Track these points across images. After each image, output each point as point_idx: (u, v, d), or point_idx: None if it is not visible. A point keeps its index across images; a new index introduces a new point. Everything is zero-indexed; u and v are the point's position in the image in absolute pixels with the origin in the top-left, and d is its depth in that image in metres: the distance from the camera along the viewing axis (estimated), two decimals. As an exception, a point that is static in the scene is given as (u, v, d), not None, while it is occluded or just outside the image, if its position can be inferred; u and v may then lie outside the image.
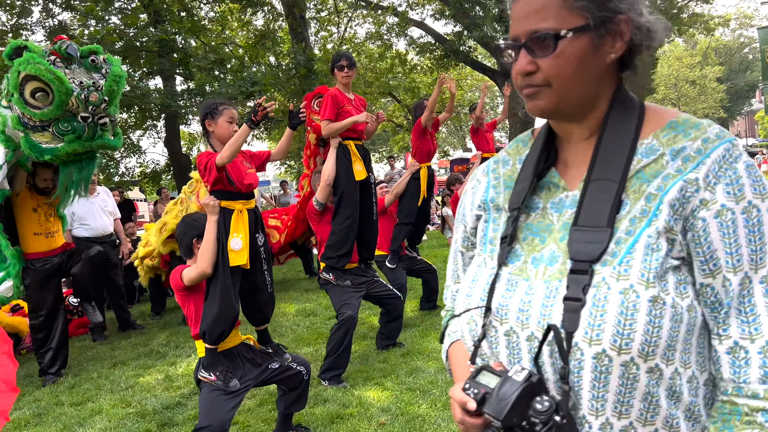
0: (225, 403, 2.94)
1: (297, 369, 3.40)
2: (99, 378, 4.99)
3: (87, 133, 4.42)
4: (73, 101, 4.26)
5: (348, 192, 4.64)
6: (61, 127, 4.34)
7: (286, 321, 6.47)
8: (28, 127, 4.35)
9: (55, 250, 5.16)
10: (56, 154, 4.38)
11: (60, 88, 4.18)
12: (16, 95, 4.29)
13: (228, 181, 3.16)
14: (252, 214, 3.29)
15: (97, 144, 4.55)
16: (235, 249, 3.10)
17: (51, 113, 4.25)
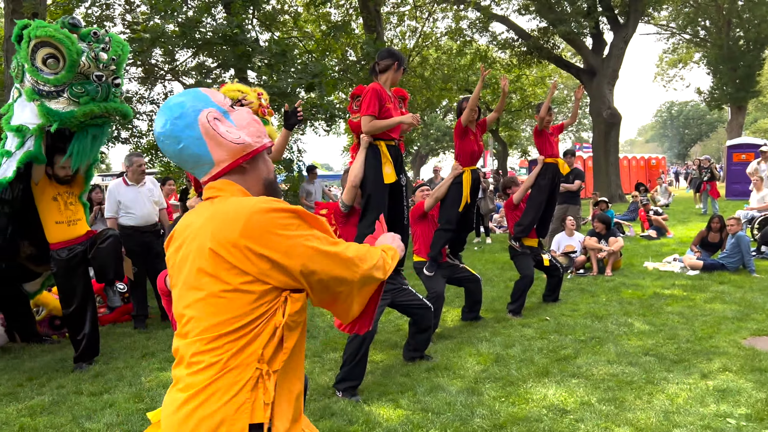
0: None
1: None
2: (124, 368, 5.00)
3: (100, 94, 4.55)
4: (84, 61, 4.43)
5: (375, 195, 4.37)
6: (75, 90, 4.50)
7: (321, 322, 6.31)
8: (43, 94, 4.50)
9: (79, 237, 5.17)
10: (74, 115, 4.51)
11: (70, 48, 4.35)
12: (29, 65, 4.45)
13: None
14: None
15: (112, 107, 4.66)
16: None
17: (64, 77, 4.43)
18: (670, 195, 18.11)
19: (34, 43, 4.40)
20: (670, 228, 12.08)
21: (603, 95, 20.89)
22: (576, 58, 25.46)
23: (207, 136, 1.55)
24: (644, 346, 4.96)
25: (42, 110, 4.49)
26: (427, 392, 4.15)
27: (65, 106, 4.51)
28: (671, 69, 36.62)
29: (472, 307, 6.06)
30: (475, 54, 21.85)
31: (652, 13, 27.31)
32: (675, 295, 6.72)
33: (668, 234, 11.67)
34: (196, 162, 1.59)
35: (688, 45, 33.95)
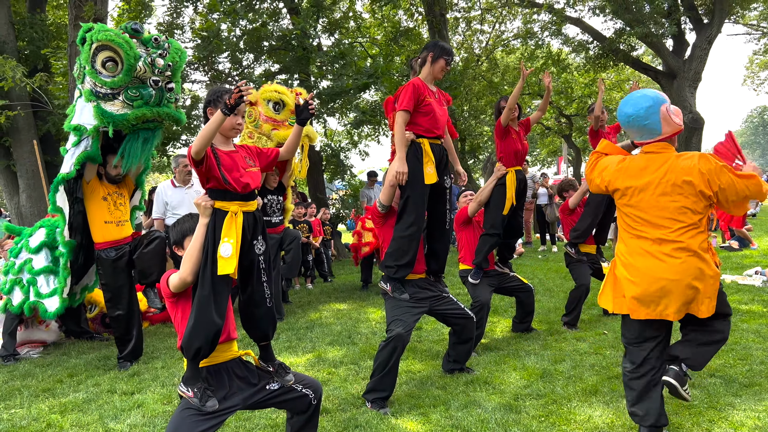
0: (195, 425, 2.62)
1: (302, 392, 2.99)
2: (162, 368, 4.99)
3: (154, 99, 4.65)
4: (141, 66, 4.54)
5: (415, 196, 4.14)
6: (131, 93, 4.62)
7: (365, 327, 6.12)
8: (100, 96, 4.64)
9: (126, 238, 5.24)
10: (127, 118, 4.64)
11: (129, 52, 4.48)
12: (89, 67, 4.58)
13: (222, 179, 2.82)
14: (251, 217, 2.92)
15: (164, 111, 4.75)
16: (225, 256, 2.75)
17: (120, 81, 4.56)
18: (758, 204, 16.79)
19: (95, 46, 4.54)
20: (754, 239, 11.15)
21: (684, 99, 19.70)
22: (655, 60, 24.25)
23: (663, 119, 3.07)
24: (710, 366, 4.47)
25: (97, 111, 4.60)
26: (461, 407, 3.87)
27: (119, 108, 4.62)
28: (762, 71, 34.25)
29: (523, 318, 5.70)
30: (547, 57, 21.17)
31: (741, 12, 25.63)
32: (753, 312, 6.09)
33: (752, 245, 10.76)
34: (649, 132, 3.12)
35: (781, 45, 31.66)
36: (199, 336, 2.66)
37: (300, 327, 6.30)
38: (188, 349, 2.69)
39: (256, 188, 2.99)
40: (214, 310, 2.71)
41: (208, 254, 2.76)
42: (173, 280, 2.75)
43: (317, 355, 5.24)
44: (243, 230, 2.85)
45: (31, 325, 5.96)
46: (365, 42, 15.09)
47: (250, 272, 2.96)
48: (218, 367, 2.83)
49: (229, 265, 2.74)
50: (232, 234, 2.78)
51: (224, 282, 2.78)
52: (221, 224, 2.79)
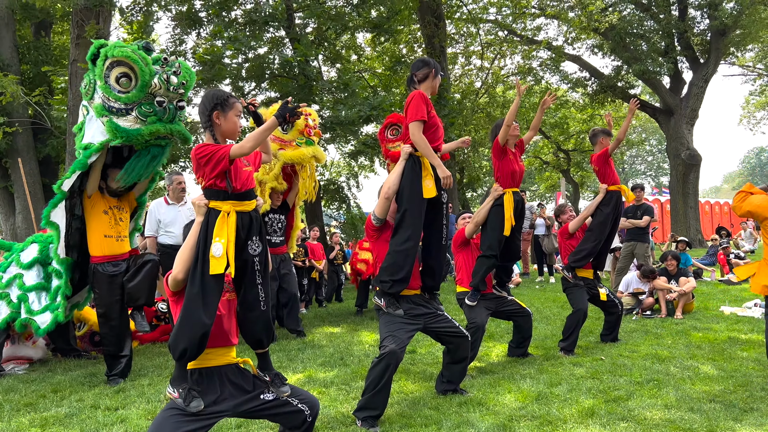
0: (177, 425, 2.54)
1: (298, 407, 2.91)
2: (148, 386, 4.87)
3: (167, 116, 4.64)
4: (156, 82, 4.54)
5: (412, 209, 4.08)
6: (144, 109, 4.60)
7: (358, 350, 6.00)
8: (113, 111, 4.61)
9: (124, 254, 5.18)
10: (141, 133, 4.61)
11: (144, 69, 4.48)
12: (102, 83, 4.58)
13: (232, 177, 2.81)
14: (246, 217, 2.89)
15: (176, 129, 4.75)
16: (216, 255, 2.71)
17: (134, 96, 4.54)
18: (756, 240, 16.76)
19: (110, 62, 4.54)
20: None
21: (681, 135, 19.88)
22: (653, 98, 24.52)
23: None
24: (710, 391, 4.37)
25: (110, 126, 4.59)
26: (453, 427, 3.76)
27: (132, 124, 4.61)
28: (759, 111, 34.63)
29: (520, 343, 5.60)
30: (544, 93, 21.41)
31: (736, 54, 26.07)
32: (753, 341, 6.00)
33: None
34: None
35: (777, 86, 32.09)
36: (185, 334, 2.60)
37: (291, 348, 6.19)
38: (175, 347, 2.62)
39: (252, 188, 2.97)
40: (202, 310, 2.65)
41: (199, 253, 2.72)
42: (169, 279, 2.73)
43: (308, 375, 5.13)
44: (237, 230, 2.81)
45: (18, 341, 5.85)
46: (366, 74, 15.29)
47: (243, 273, 2.91)
48: (211, 370, 2.76)
49: (220, 265, 2.70)
50: (224, 234, 2.74)
51: (216, 282, 2.73)
52: (213, 224, 2.76)
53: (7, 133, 9.55)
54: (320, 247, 9.84)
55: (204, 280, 2.69)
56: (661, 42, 19.79)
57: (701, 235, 19.56)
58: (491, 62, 21.01)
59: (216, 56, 10.33)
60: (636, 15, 20.08)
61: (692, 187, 19.97)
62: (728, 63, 28.72)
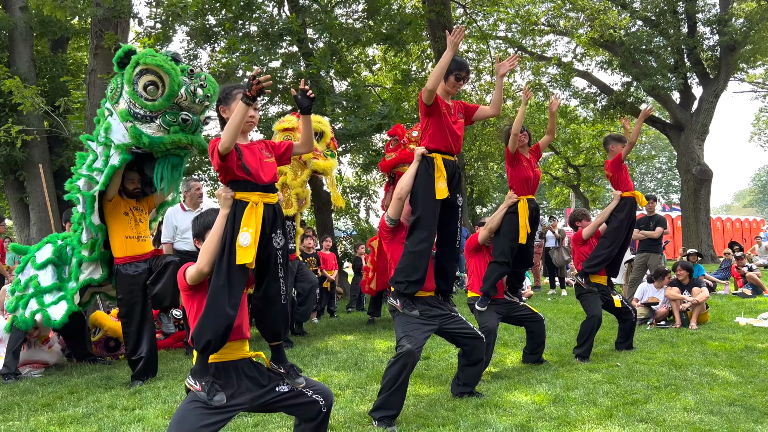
0: (199, 418, 2.54)
1: (313, 397, 2.90)
2: (164, 388, 4.88)
3: (190, 126, 4.71)
4: (183, 93, 4.62)
5: (426, 211, 4.10)
6: (168, 118, 4.67)
7: (371, 356, 5.99)
8: (137, 118, 4.70)
9: (145, 254, 5.25)
10: (163, 142, 4.70)
11: (175, 78, 4.56)
12: (130, 88, 4.66)
13: (243, 170, 2.83)
14: (271, 210, 2.91)
15: (197, 140, 4.82)
16: (243, 245, 2.73)
17: (161, 105, 4.62)
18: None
19: (140, 69, 4.62)
20: (767, 286, 10.98)
21: (692, 150, 19.84)
22: (662, 113, 24.52)
23: None
24: (729, 396, 4.33)
25: (133, 132, 4.67)
26: (471, 427, 3.74)
27: (156, 131, 4.70)
28: (769, 128, 34.55)
29: (534, 349, 5.58)
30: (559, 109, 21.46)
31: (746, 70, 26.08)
32: (770, 350, 5.94)
33: (765, 292, 10.60)
34: None
35: (787, 103, 32.06)
36: (210, 326, 2.61)
37: (305, 355, 6.19)
38: (198, 340, 2.63)
39: (275, 180, 3.00)
40: (227, 302, 2.67)
41: (226, 244, 2.74)
42: (190, 272, 2.73)
43: (323, 378, 5.12)
44: (263, 222, 2.83)
45: (34, 345, 5.89)
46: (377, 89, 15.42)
47: (266, 266, 2.92)
48: (228, 365, 2.76)
49: (248, 255, 2.72)
50: (252, 223, 2.77)
51: (241, 273, 2.75)
52: (241, 215, 2.78)
53: (23, 145, 9.67)
54: (333, 257, 9.87)
55: (230, 272, 2.71)
56: (671, 58, 19.83)
57: (713, 250, 19.42)
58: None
59: (230, 69, 10.45)
60: (645, 31, 20.17)
61: (703, 202, 19.87)
62: (738, 80, 28.73)
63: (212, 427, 2.57)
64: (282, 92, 11.89)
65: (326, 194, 13.83)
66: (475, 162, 20.61)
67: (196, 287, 2.79)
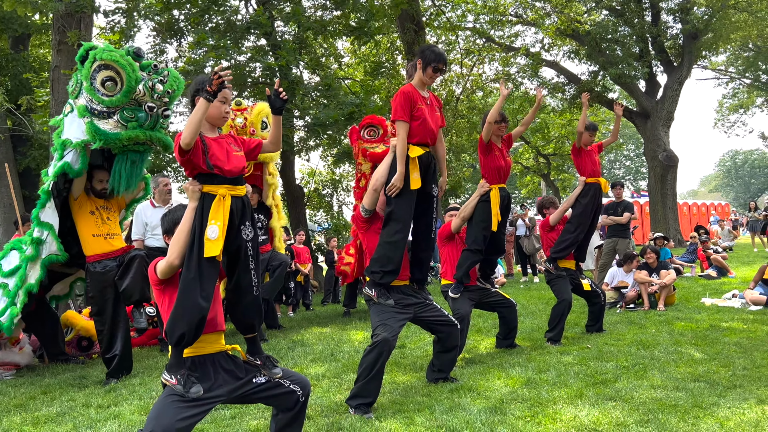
0: (178, 411, 2.55)
1: (290, 387, 2.93)
2: (139, 385, 4.86)
3: (149, 122, 4.69)
4: (141, 89, 4.59)
5: (401, 202, 4.13)
6: (126, 114, 4.64)
7: (348, 347, 6.04)
8: (95, 113, 4.66)
9: (114, 252, 5.20)
10: (119, 138, 4.66)
11: (131, 74, 4.54)
12: (87, 84, 4.61)
13: (207, 165, 2.82)
14: (239, 202, 2.92)
15: (156, 136, 4.80)
16: (212, 238, 2.74)
17: (118, 101, 4.59)
18: (735, 238, 17.11)
19: (97, 64, 4.59)
20: (732, 268, 11.30)
21: (658, 137, 20.24)
22: (628, 101, 24.94)
23: None
24: (694, 372, 4.48)
25: (90, 128, 4.64)
26: (446, 411, 3.81)
27: (113, 127, 4.66)
28: (732, 114, 35.36)
29: (507, 334, 5.68)
30: (524, 99, 21.69)
31: (709, 57, 26.64)
32: (734, 328, 6.14)
33: (730, 274, 10.90)
34: None
35: (749, 89, 32.83)
36: (183, 319, 2.62)
37: (281, 348, 6.21)
38: (172, 333, 2.64)
39: (243, 173, 3.00)
40: (199, 294, 2.68)
41: (195, 237, 2.75)
42: (161, 266, 2.73)
43: (299, 370, 5.14)
44: (231, 214, 2.85)
45: (4, 347, 5.79)
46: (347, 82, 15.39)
47: (236, 258, 2.94)
48: (203, 358, 2.77)
49: (216, 247, 2.73)
50: (220, 216, 2.78)
51: (211, 265, 2.76)
52: (209, 207, 2.79)
53: (-14, 145, 9.48)
54: (306, 250, 9.86)
55: (201, 264, 2.72)
56: (636, 46, 20.18)
57: (680, 235, 19.86)
58: (470, 69, 21.24)
59: (198, 65, 10.35)
60: (610, 20, 20.48)
61: (670, 188, 20.31)
62: (701, 67, 29.36)
63: (190, 420, 2.58)
64: (251, 86, 11.81)
65: (299, 189, 13.81)
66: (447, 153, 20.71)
67: (167, 281, 2.79)
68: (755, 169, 61.20)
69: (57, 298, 5.69)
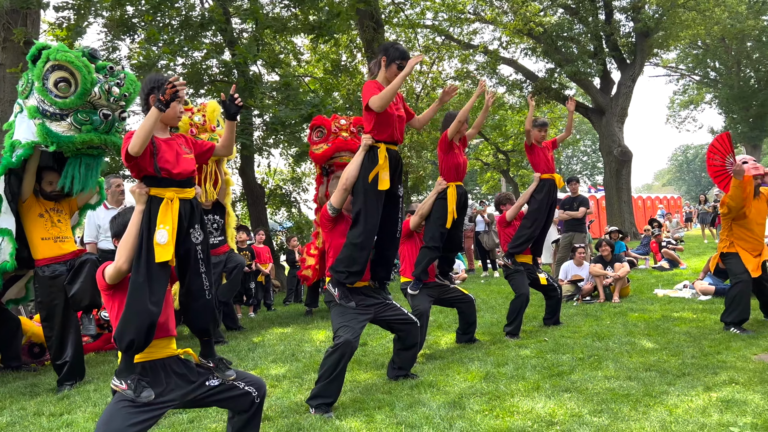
0: (128, 417, 2.50)
1: (245, 389, 2.90)
2: (93, 391, 4.74)
3: (104, 126, 4.56)
4: (96, 92, 4.47)
5: (369, 203, 4.11)
6: (80, 117, 4.50)
7: (309, 346, 6.02)
8: (46, 115, 4.50)
9: (65, 255, 5.06)
10: (72, 141, 4.52)
11: (86, 76, 4.38)
12: (39, 84, 4.45)
13: (154, 167, 2.76)
14: (188, 205, 2.88)
15: (111, 140, 4.67)
16: (161, 243, 2.69)
17: (72, 103, 4.44)
18: (681, 228, 17.71)
19: (50, 65, 4.42)
20: (683, 260, 11.66)
21: (613, 133, 20.72)
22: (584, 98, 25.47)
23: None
24: (646, 362, 4.61)
25: (42, 130, 4.49)
26: (406, 407, 3.84)
27: (66, 130, 4.52)
28: (683, 110, 36.49)
29: (466, 329, 5.75)
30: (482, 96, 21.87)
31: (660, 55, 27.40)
32: (684, 318, 6.35)
33: (681, 265, 11.25)
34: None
35: (698, 86, 33.93)
36: (132, 325, 2.57)
37: (242, 349, 6.14)
38: (121, 339, 2.59)
39: (192, 176, 2.96)
40: (149, 299, 2.63)
41: (143, 241, 2.70)
42: (109, 271, 2.68)
43: (260, 372, 5.11)
44: (179, 217, 2.80)
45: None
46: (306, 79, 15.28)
47: (186, 262, 2.90)
48: (154, 363, 2.72)
49: (167, 252, 2.68)
50: (168, 220, 2.73)
51: (161, 270, 2.72)
52: (156, 211, 2.74)
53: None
54: (267, 250, 9.77)
55: (150, 269, 2.67)
56: (590, 44, 20.61)
57: (635, 228, 20.39)
58: (430, 67, 21.37)
59: (151, 61, 10.13)
60: (566, 19, 20.88)
61: (625, 182, 20.83)
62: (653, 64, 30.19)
63: (141, 426, 2.54)
64: (208, 84, 11.64)
65: (260, 188, 13.66)
66: (408, 150, 20.77)
67: (116, 286, 2.73)
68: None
69: (15, 302, 5.50)
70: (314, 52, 16.24)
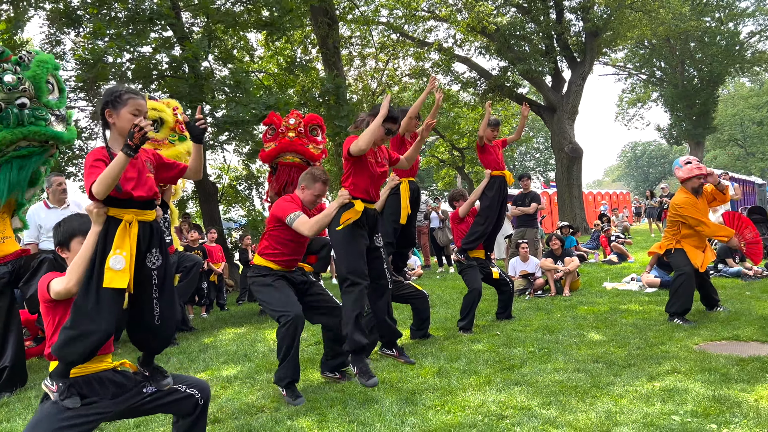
0: (56, 423, 2.40)
1: (186, 392, 2.80)
2: (35, 398, 4.57)
3: (12, 120, 4.30)
4: None
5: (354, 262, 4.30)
6: None
7: (262, 346, 5.95)
8: None
9: (6, 256, 4.85)
10: None
11: None
12: None
13: (115, 188, 2.58)
14: (147, 227, 2.73)
15: (32, 131, 4.41)
16: (116, 269, 2.55)
17: None
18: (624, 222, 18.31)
19: None
20: (631, 254, 12.00)
21: (564, 130, 21.17)
22: (537, 96, 25.92)
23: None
24: (594, 354, 4.72)
25: None
26: (358, 405, 3.83)
27: None
28: (631, 108, 37.57)
29: (420, 324, 5.77)
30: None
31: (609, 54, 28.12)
32: (631, 310, 6.53)
33: (629, 259, 11.58)
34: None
35: (645, 84, 34.97)
36: (77, 346, 2.44)
37: (192, 350, 6.02)
38: (63, 357, 2.47)
39: (155, 198, 2.79)
40: (98, 326, 2.49)
41: (95, 264, 2.57)
42: (56, 288, 2.51)
43: (210, 373, 5.02)
44: (138, 241, 2.67)
45: None
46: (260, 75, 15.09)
47: (142, 287, 2.76)
48: (89, 377, 2.61)
49: (121, 279, 2.54)
50: (126, 246, 2.58)
51: (113, 295, 2.56)
52: (113, 234, 2.60)
53: None
54: (219, 249, 9.61)
55: (100, 294, 2.54)
56: (542, 43, 21.00)
57: (586, 223, 20.90)
58: (385, 64, 21.39)
59: (97, 55, 9.82)
60: (518, 18, 21.20)
61: (576, 178, 21.32)
62: (602, 63, 30.97)
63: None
64: (158, 79, 11.36)
65: (212, 185, 13.42)
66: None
67: (59, 300, 2.61)
68: (653, 159, 65.27)
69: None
70: (268, 48, 16.04)
